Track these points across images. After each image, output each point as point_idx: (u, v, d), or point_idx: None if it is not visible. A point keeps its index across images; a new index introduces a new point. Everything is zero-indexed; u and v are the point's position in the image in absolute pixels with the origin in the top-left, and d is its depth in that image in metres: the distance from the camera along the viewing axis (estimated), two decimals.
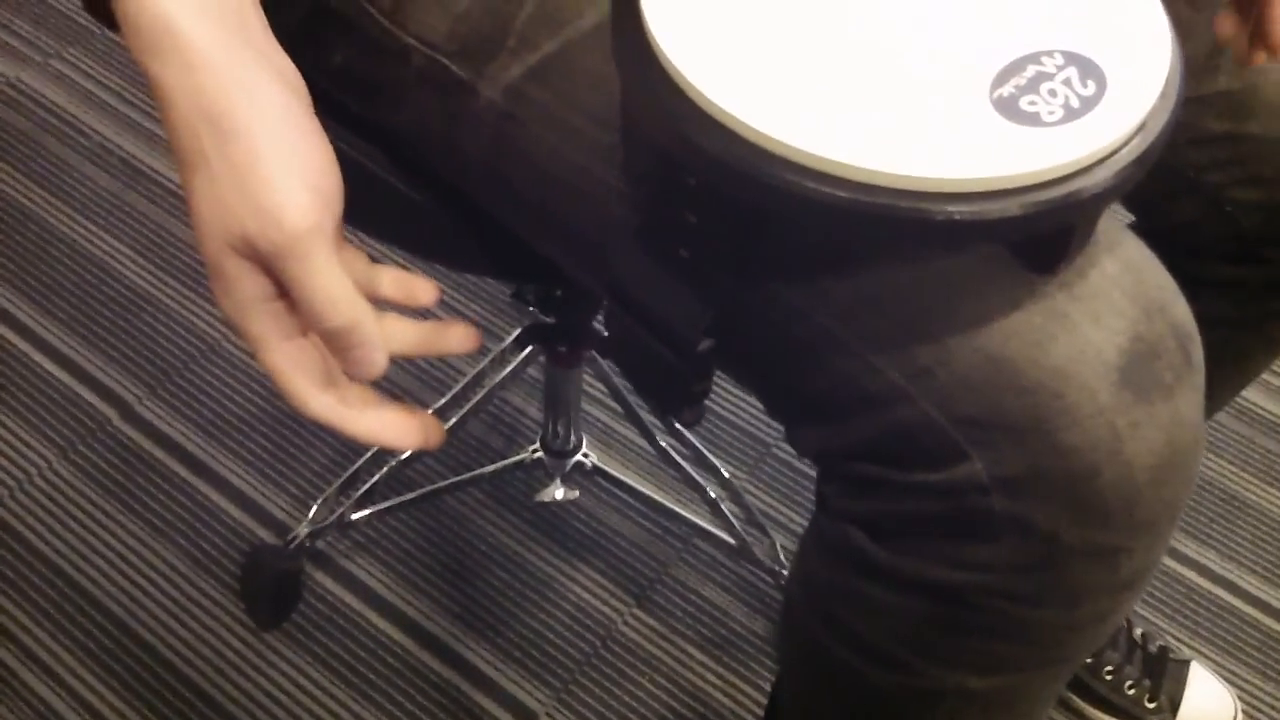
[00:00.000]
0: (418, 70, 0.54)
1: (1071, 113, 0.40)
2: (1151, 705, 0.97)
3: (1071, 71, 0.41)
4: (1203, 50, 0.62)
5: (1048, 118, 0.40)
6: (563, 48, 0.51)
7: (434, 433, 0.44)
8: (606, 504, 1.11)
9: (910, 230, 0.38)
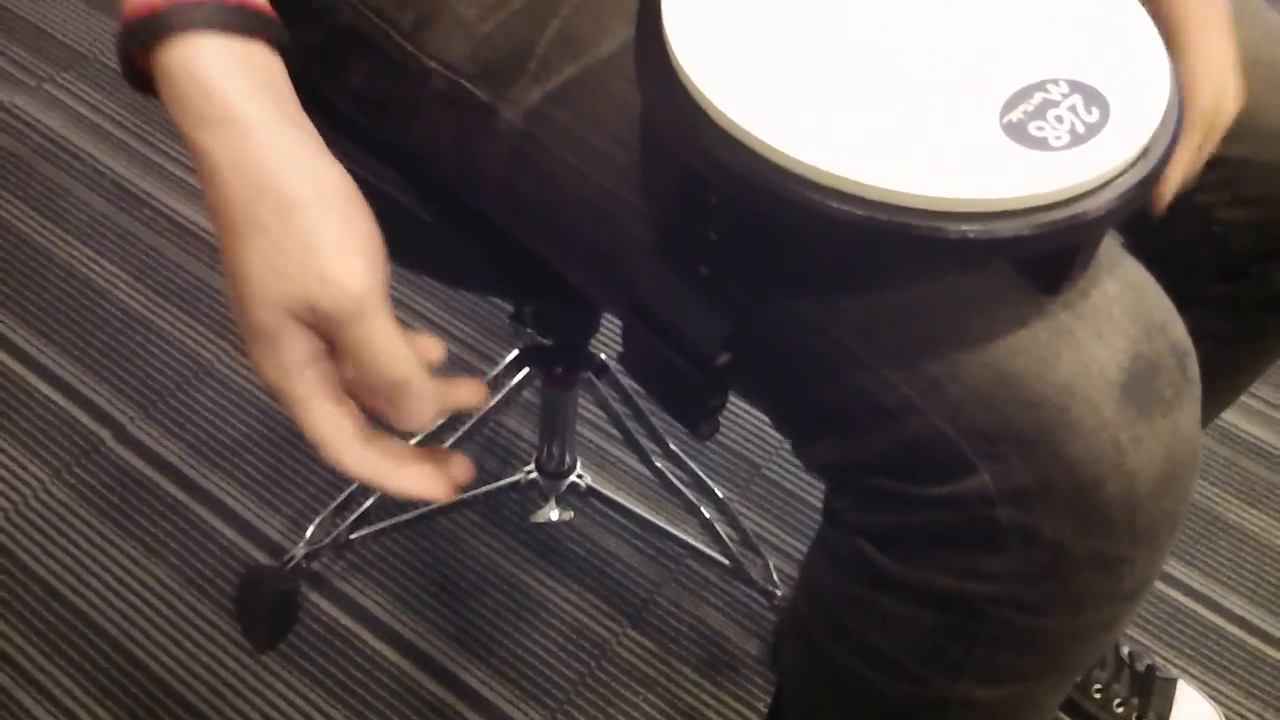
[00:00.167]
0: (437, 92, 0.55)
1: (1077, 138, 0.42)
2: None
3: (1077, 99, 0.43)
4: None
5: (1055, 142, 0.41)
6: (583, 72, 0.52)
7: (462, 471, 0.46)
8: (600, 525, 1.12)
9: (926, 247, 0.40)
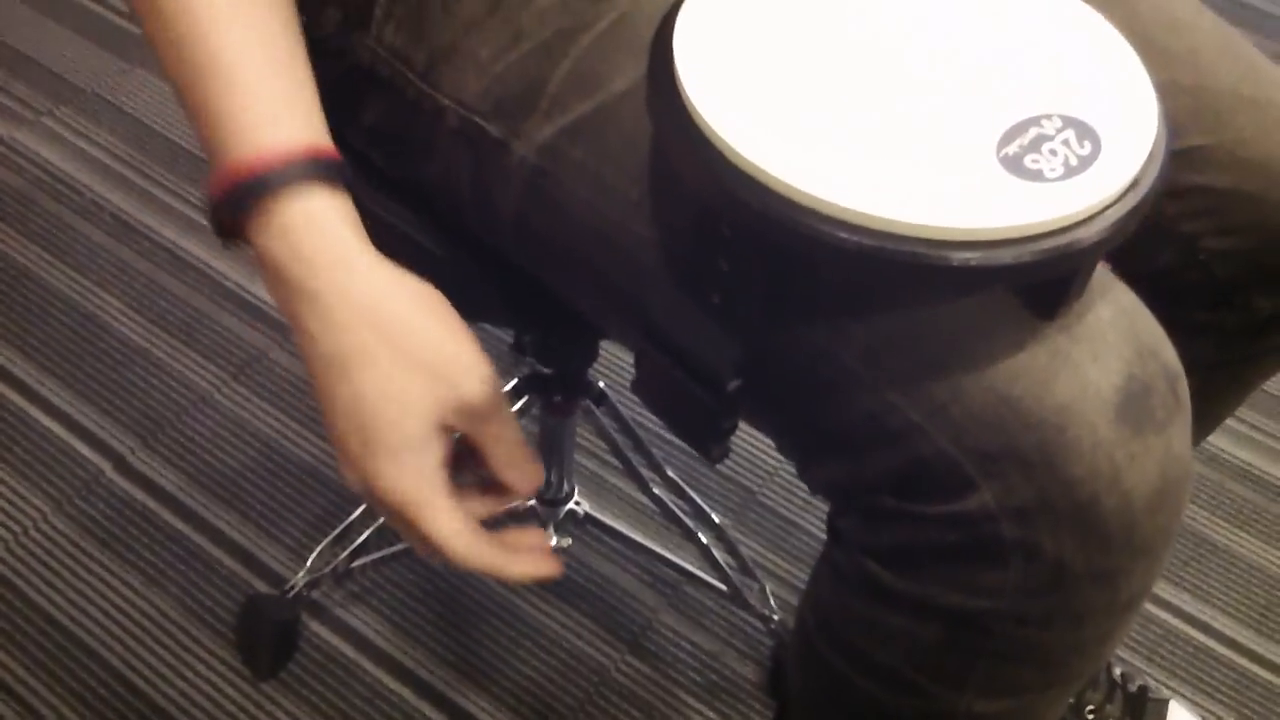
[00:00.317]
0: (451, 128, 0.57)
1: (1071, 170, 0.44)
2: None
3: (1069, 133, 0.45)
4: (1181, 110, 0.66)
5: (1050, 174, 0.44)
6: (595, 108, 0.53)
7: (543, 542, 0.53)
8: (598, 552, 1.13)
9: (931, 273, 0.42)
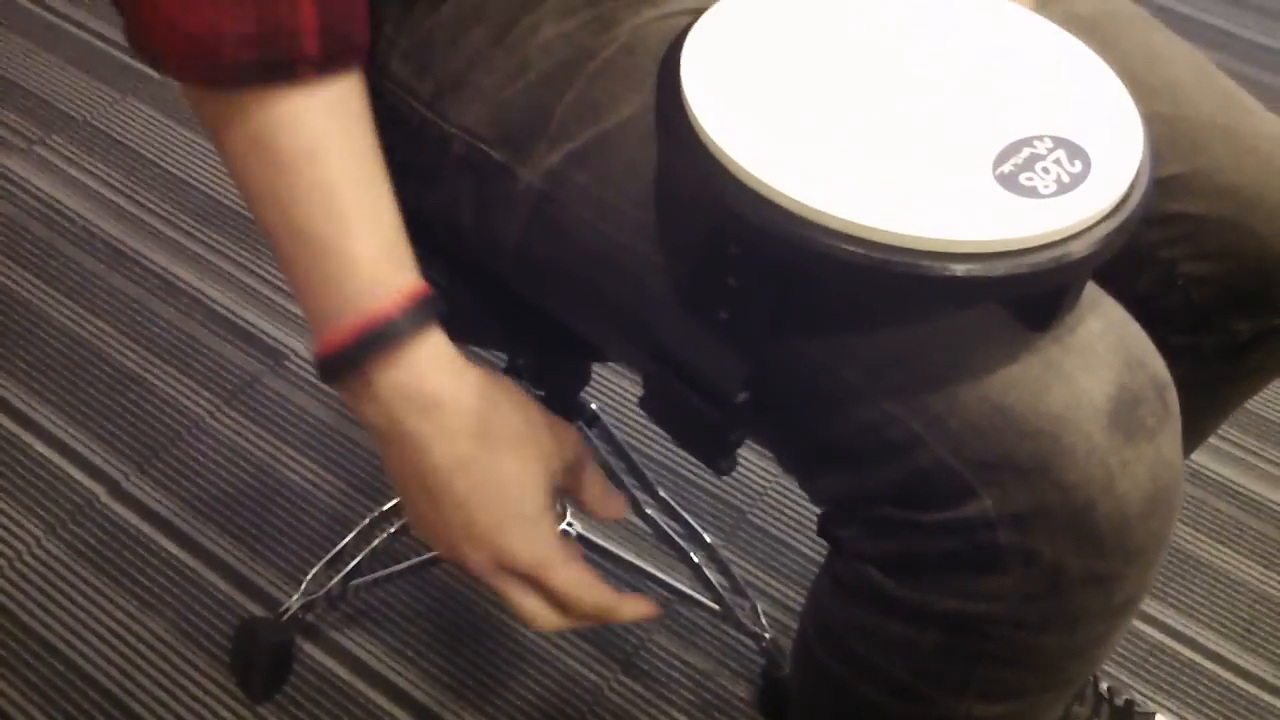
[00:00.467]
0: (457, 156, 0.58)
1: (1063, 187, 0.46)
2: None
3: (1061, 153, 0.47)
4: (1160, 139, 0.69)
5: (1043, 191, 0.45)
6: (599, 135, 0.55)
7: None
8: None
9: (932, 285, 0.43)
